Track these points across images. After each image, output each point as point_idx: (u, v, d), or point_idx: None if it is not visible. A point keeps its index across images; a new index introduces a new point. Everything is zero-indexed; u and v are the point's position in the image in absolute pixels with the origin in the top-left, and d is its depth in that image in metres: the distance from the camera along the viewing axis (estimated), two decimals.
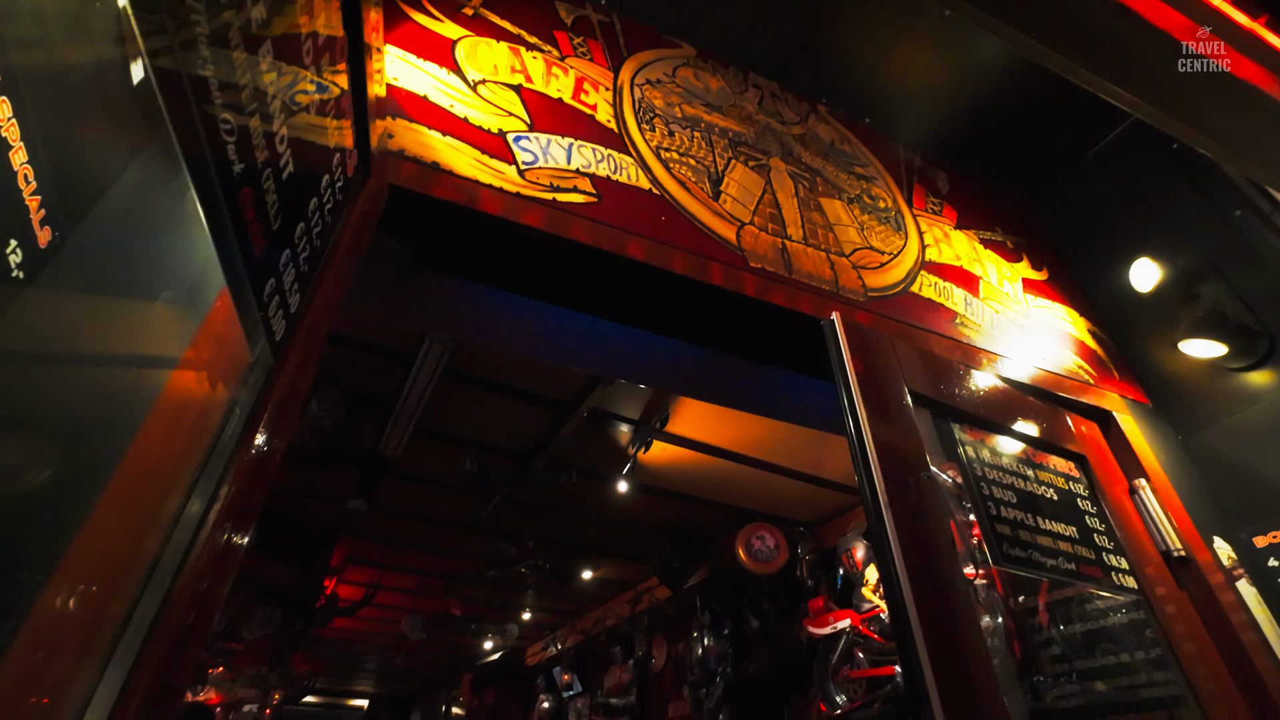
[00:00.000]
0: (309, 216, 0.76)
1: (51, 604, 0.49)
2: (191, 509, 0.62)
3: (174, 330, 0.64)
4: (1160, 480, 1.69)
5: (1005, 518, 1.37)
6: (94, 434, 0.56)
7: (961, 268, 1.96)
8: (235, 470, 0.66)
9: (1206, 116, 1.31)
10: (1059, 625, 2.94)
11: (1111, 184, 2.29)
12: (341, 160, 0.87)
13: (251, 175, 0.60)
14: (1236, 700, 1.38)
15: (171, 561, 0.61)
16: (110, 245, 0.59)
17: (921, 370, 1.51)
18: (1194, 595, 1.52)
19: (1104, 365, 1.98)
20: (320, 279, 0.85)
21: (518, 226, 1.24)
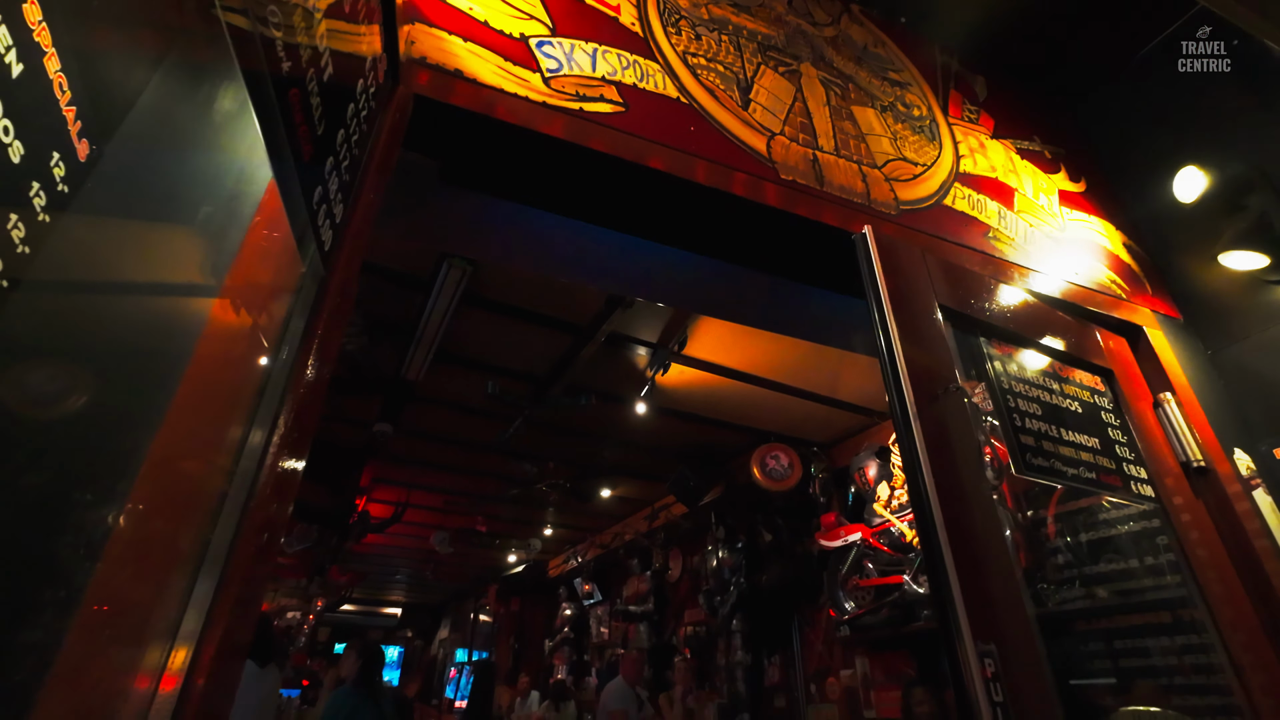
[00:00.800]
0: (348, 123, 0.74)
1: (129, 528, 0.51)
2: (254, 437, 0.64)
3: (218, 245, 0.63)
4: (1186, 394, 1.70)
5: (1029, 429, 1.39)
6: (149, 359, 0.56)
7: (997, 179, 1.89)
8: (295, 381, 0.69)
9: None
10: (1066, 537, 3.04)
11: (1159, 89, 2.16)
12: (374, 66, 0.84)
13: (297, 77, 0.59)
14: (1243, 601, 1.44)
15: (242, 483, 0.63)
16: (145, 159, 0.57)
17: (952, 285, 1.49)
18: (1210, 504, 1.56)
19: (1137, 280, 1.94)
20: (360, 189, 0.84)
21: (545, 138, 1.21)
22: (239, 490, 0.61)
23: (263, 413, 0.67)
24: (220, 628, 0.55)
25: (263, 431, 0.66)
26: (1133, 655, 2.53)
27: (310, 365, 0.72)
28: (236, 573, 0.57)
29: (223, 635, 0.55)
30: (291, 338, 0.71)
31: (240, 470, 0.61)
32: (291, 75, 0.60)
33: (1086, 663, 2.73)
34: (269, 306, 0.70)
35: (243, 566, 0.58)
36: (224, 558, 0.57)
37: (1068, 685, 2.74)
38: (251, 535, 0.60)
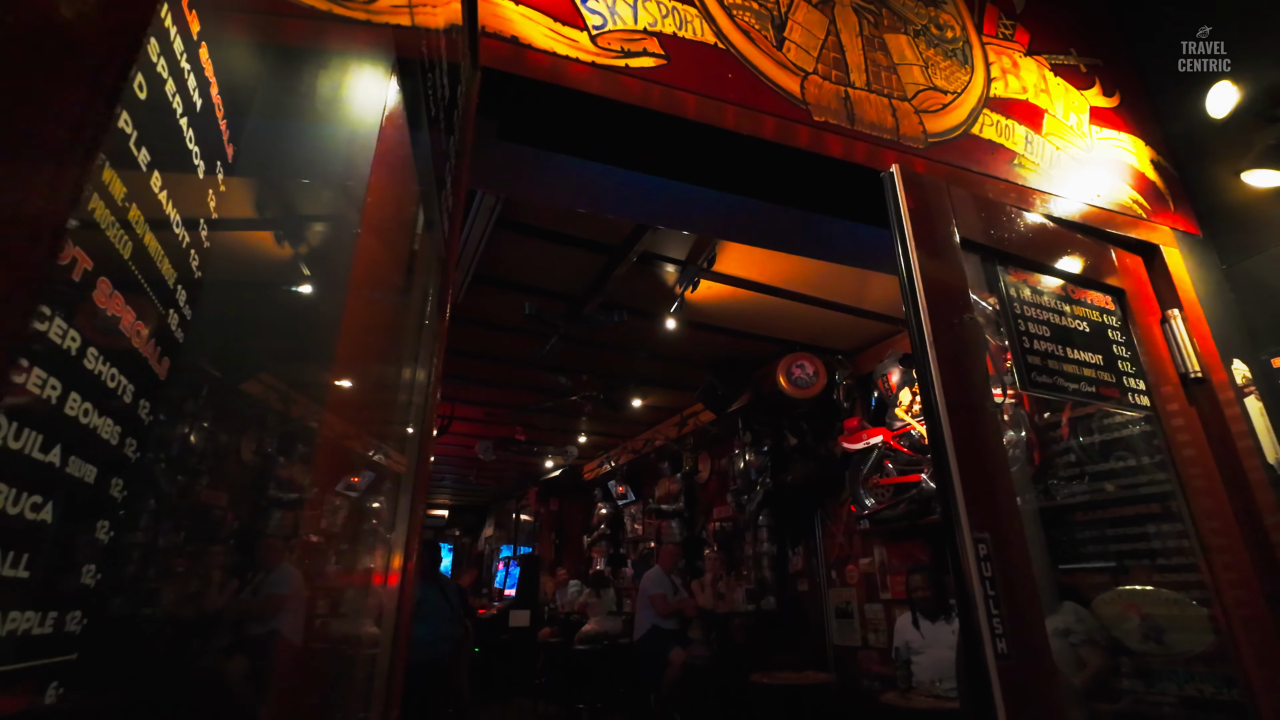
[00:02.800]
0: (454, 97, 0.87)
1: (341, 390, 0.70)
2: (419, 376, 0.84)
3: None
4: (1193, 310, 1.81)
5: (1037, 350, 1.54)
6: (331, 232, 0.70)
7: (1027, 101, 1.92)
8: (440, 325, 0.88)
9: None
10: (1078, 437, 3.26)
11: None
12: (461, 40, 0.95)
13: (435, 60, 0.72)
14: (1220, 492, 1.64)
15: (418, 419, 0.83)
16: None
17: (974, 216, 1.59)
18: (1202, 410, 1.72)
19: (1160, 197, 2.00)
20: (460, 158, 0.99)
21: (596, 99, 1.32)
22: (417, 425, 0.82)
23: (423, 356, 0.86)
24: (417, 535, 0.77)
25: (425, 371, 0.85)
26: (1125, 541, 2.79)
27: (447, 313, 0.91)
28: (421, 490, 0.79)
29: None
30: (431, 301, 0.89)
31: (415, 405, 0.82)
32: (431, 58, 0.73)
33: (1084, 548, 3.02)
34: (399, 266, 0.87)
35: (424, 486, 0.79)
36: (413, 480, 0.78)
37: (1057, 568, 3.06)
38: (426, 460, 0.81)
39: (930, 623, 3.78)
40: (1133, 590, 2.68)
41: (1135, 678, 2.47)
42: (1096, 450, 3.09)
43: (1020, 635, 1.16)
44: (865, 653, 5.05)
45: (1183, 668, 2.27)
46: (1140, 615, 2.61)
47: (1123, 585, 2.73)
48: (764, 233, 2.05)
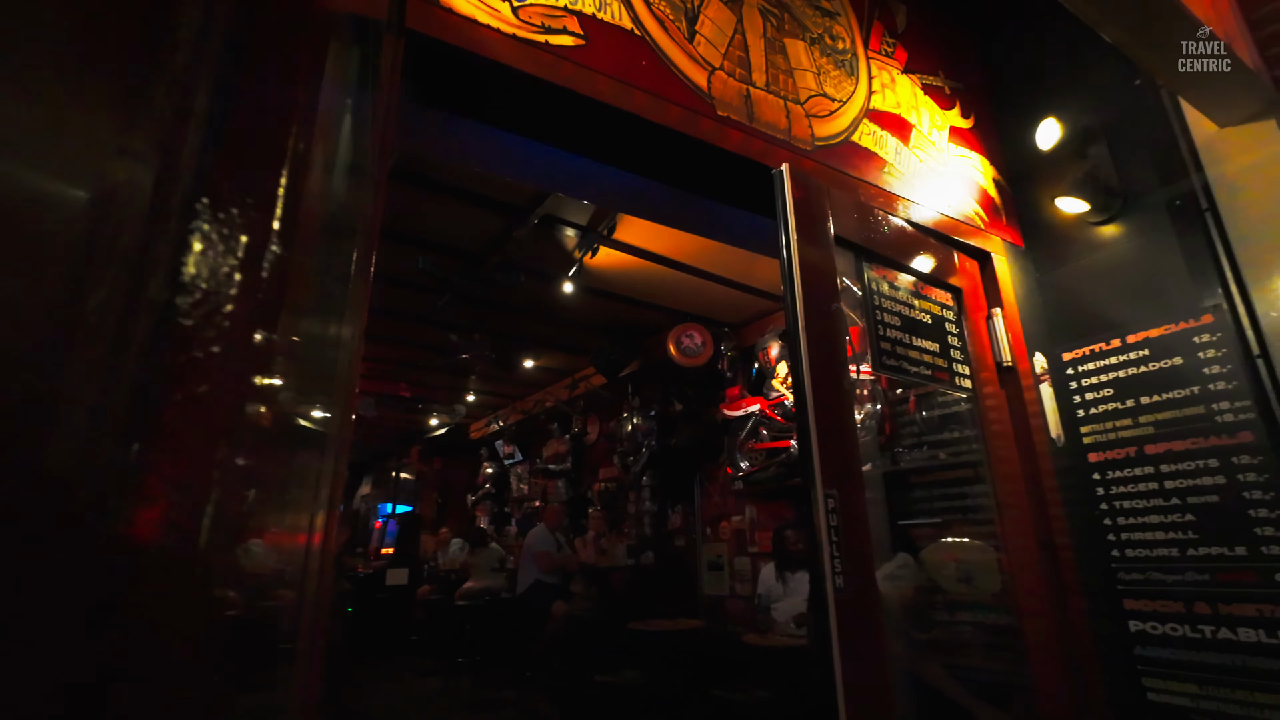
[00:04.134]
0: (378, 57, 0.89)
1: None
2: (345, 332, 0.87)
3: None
4: (1011, 310, 2.18)
5: (889, 337, 1.80)
6: None
7: (899, 115, 2.17)
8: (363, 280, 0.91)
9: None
10: (921, 412, 3.76)
11: (1051, 35, 2.44)
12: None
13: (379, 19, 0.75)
14: (1015, 461, 2.01)
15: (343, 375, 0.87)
16: None
17: (848, 216, 1.81)
18: (1010, 394, 2.09)
19: (997, 211, 2.35)
20: (383, 131, 1.01)
21: (514, 72, 1.35)
22: (341, 383, 0.85)
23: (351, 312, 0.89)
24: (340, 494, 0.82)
25: (350, 328, 0.89)
26: (950, 500, 3.30)
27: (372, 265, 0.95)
28: (344, 449, 0.83)
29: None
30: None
31: (339, 364, 0.85)
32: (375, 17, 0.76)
33: (919, 506, 3.53)
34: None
35: (346, 445, 0.84)
36: (336, 439, 0.83)
37: (897, 523, 3.57)
38: (349, 419, 0.86)
39: (792, 574, 4.23)
40: (952, 542, 3.20)
41: (947, 610, 2.98)
42: (934, 424, 3.60)
43: (854, 573, 1.40)
44: (732, 601, 5.54)
45: (982, 602, 2.78)
46: (956, 562, 3.13)
47: (945, 537, 3.25)
48: (664, 212, 2.18)
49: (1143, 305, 2.06)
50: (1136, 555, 1.96)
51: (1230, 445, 1.81)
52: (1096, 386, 2.13)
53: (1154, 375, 2.00)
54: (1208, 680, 1.78)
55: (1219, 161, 1.92)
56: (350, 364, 0.87)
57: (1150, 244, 2.08)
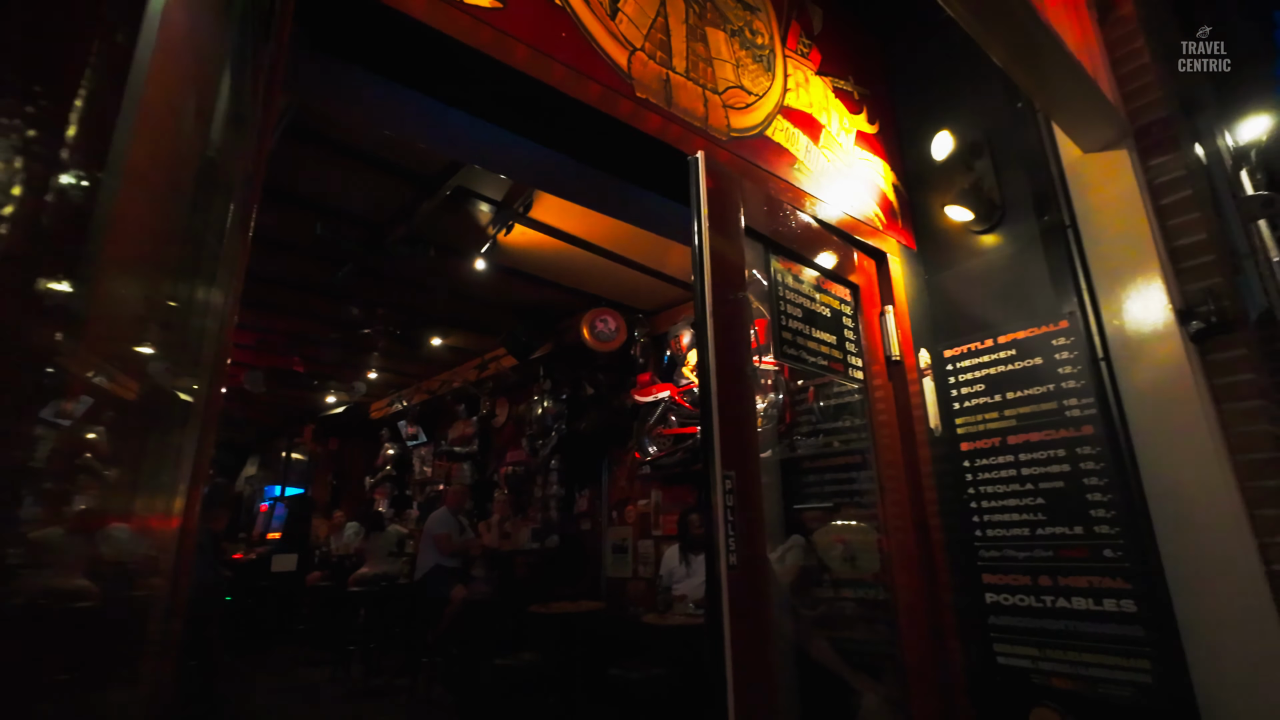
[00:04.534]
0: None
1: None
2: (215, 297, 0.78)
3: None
4: (902, 308, 2.33)
5: (790, 328, 1.88)
6: None
7: (811, 115, 2.25)
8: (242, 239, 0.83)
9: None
10: (819, 402, 3.95)
11: (949, 51, 2.61)
12: None
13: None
14: (898, 449, 2.17)
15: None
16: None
17: (757, 209, 1.86)
18: (896, 386, 2.24)
19: (894, 215, 2.50)
20: (270, 76, 0.91)
21: (431, 31, 1.28)
22: (210, 352, 0.78)
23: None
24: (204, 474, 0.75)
25: (221, 292, 0.81)
26: (841, 485, 3.51)
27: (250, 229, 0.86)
28: (210, 425, 0.76)
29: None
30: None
31: (208, 331, 0.77)
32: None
33: (813, 490, 3.73)
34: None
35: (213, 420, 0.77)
36: (201, 412, 0.75)
37: (792, 507, 3.76)
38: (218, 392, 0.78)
39: (695, 555, 4.35)
40: (841, 524, 3.41)
41: (833, 587, 3.17)
42: (830, 413, 3.80)
43: (747, 551, 1.46)
44: (634, 583, 5.64)
45: (863, 580, 2.98)
46: (843, 543, 3.34)
47: (836, 520, 3.46)
48: (578, 191, 2.15)
49: (1013, 309, 2.27)
50: (995, 535, 2.17)
51: (1075, 437, 2.04)
52: (971, 382, 2.33)
53: (1018, 373, 2.21)
54: (1046, 644, 2.01)
55: (1081, 184, 2.14)
56: (221, 330, 0.79)
57: (1022, 253, 2.29)
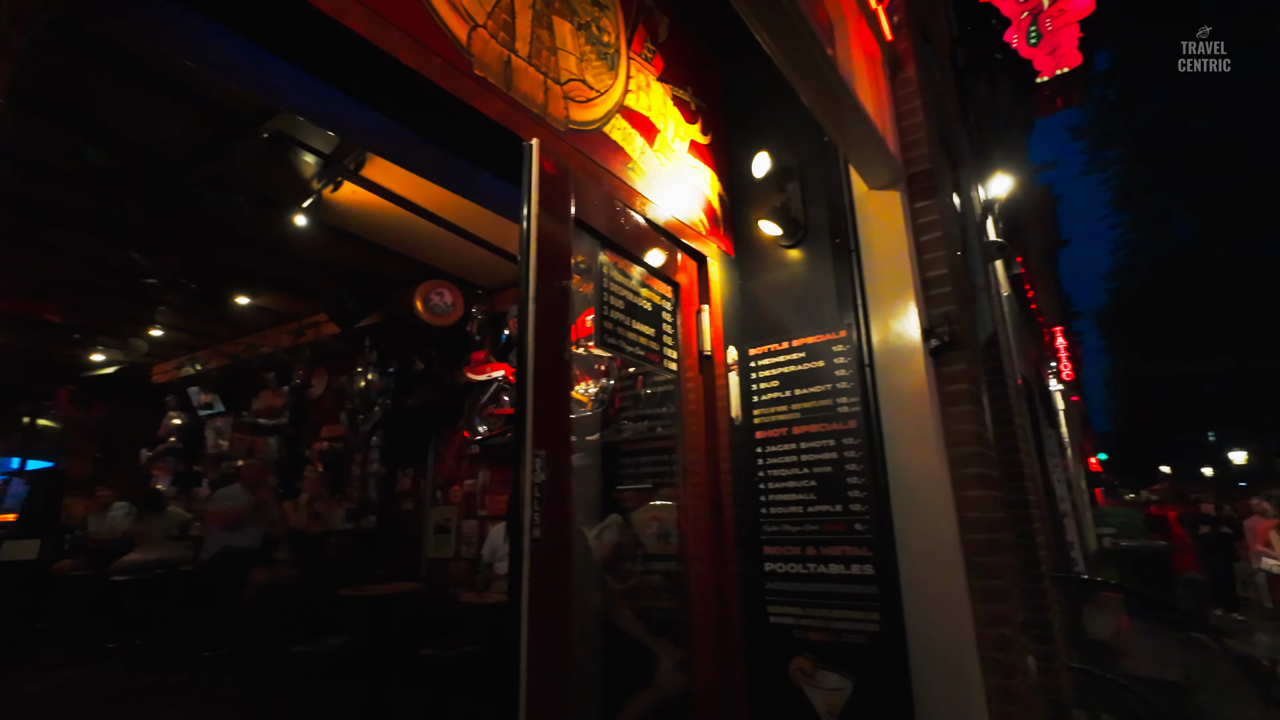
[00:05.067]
0: None
1: None
2: None
3: None
4: (716, 308, 2.57)
5: (612, 318, 2.00)
6: None
7: (649, 119, 2.39)
8: None
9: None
10: (646, 390, 4.18)
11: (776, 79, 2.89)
12: None
13: None
14: (702, 435, 2.40)
15: None
16: None
17: (589, 202, 1.95)
18: (705, 378, 2.47)
19: (717, 222, 2.73)
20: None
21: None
22: None
23: None
24: None
25: None
26: (658, 467, 3.76)
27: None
28: None
29: None
30: None
31: None
32: None
33: (633, 471, 3.95)
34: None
35: None
36: None
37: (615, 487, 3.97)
38: None
39: None
40: (658, 504, 3.67)
41: (645, 562, 3.41)
42: (656, 400, 4.05)
43: (553, 528, 1.55)
44: (456, 563, 5.55)
45: (670, 554, 3.24)
46: (659, 521, 3.60)
47: (654, 500, 3.71)
48: (413, 161, 2.09)
49: (806, 317, 2.61)
50: (777, 512, 2.50)
51: (843, 430, 2.41)
52: (769, 378, 2.64)
53: (806, 373, 2.55)
54: (807, 604, 2.37)
55: (865, 215, 2.52)
56: None
57: (817, 269, 2.63)
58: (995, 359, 3.69)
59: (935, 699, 2.04)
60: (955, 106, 4.30)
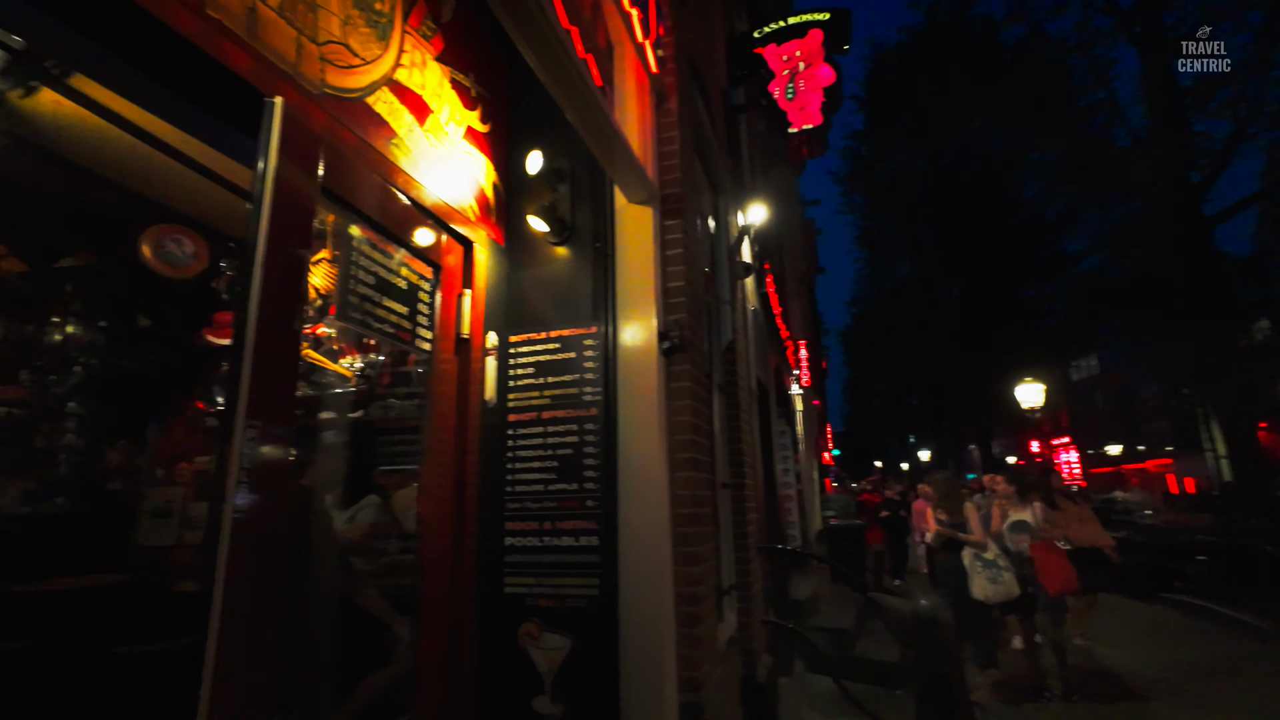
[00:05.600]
0: None
1: None
2: None
3: None
4: (479, 294, 2.65)
5: (358, 292, 1.99)
6: None
7: (422, 98, 2.39)
8: None
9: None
10: (418, 369, 4.10)
11: None
12: None
13: None
14: (451, 413, 2.48)
15: None
16: None
17: (342, 172, 1.91)
18: (461, 361, 2.55)
19: (489, 211, 2.82)
20: None
21: None
22: None
23: None
24: None
25: None
26: (406, 445, 3.73)
27: None
28: None
29: None
30: None
31: None
32: None
33: (394, 451, 3.86)
34: None
35: None
36: None
37: (377, 468, 3.85)
38: None
39: None
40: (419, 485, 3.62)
41: (401, 541, 3.38)
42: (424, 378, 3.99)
43: (263, 503, 1.52)
44: (180, 550, 4.85)
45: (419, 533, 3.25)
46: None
47: (414, 482, 3.66)
48: (137, 94, 1.85)
49: (565, 311, 2.82)
50: (520, 490, 2.68)
51: (586, 416, 2.66)
52: (526, 365, 2.80)
53: (559, 363, 2.76)
54: (541, 574, 2.58)
55: (622, 225, 2.80)
56: None
57: (579, 268, 2.86)
58: (732, 363, 4.31)
59: (637, 647, 2.38)
60: (724, 139, 4.89)
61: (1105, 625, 6.20)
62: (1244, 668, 6.31)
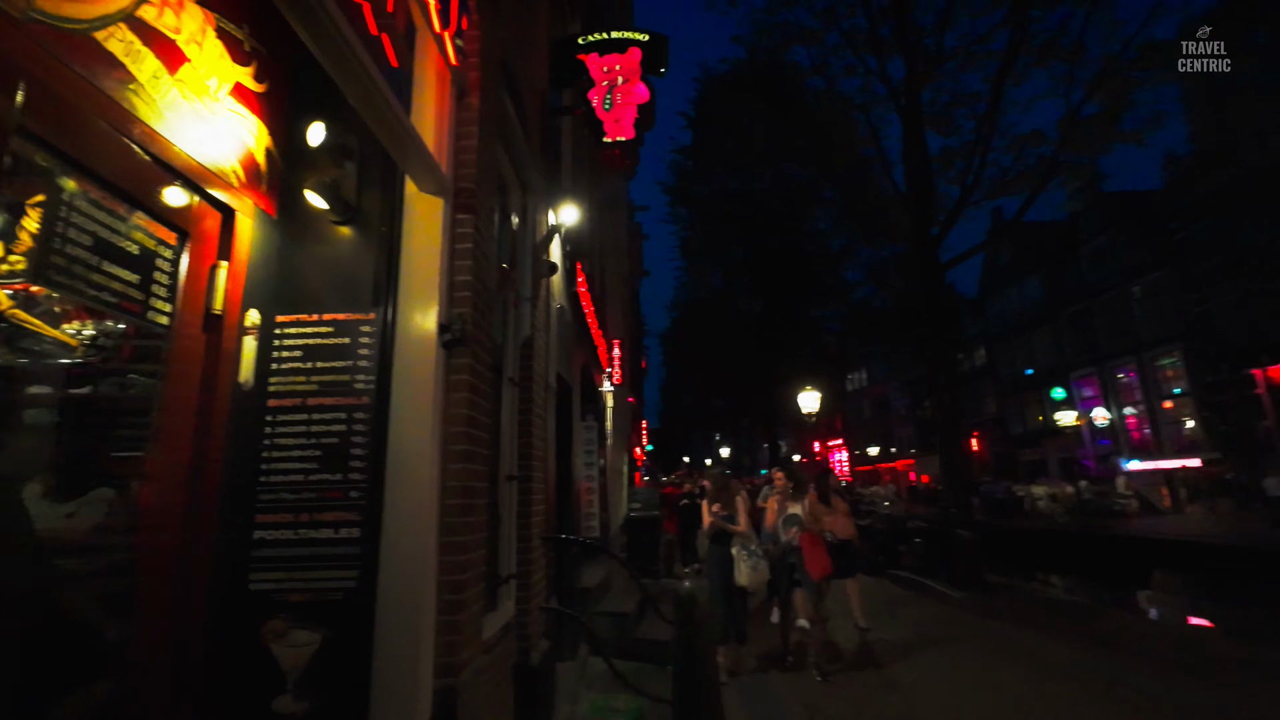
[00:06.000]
0: None
1: None
2: None
3: None
4: (240, 267, 2.44)
5: (66, 252, 1.74)
6: None
7: (176, 43, 2.14)
8: None
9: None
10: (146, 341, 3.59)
11: None
12: None
13: None
14: (193, 395, 2.25)
15: None
16: None
17: (51, 114, 1.66)
18: (211, 339, 2.33)
19: (259, 178, 2.59)
20: None
21: None
22: None
23: None
24: None
25: None
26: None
27: None
28: None
29: None
30: None
31: None
32: None
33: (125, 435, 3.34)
34: None
35: None
36: None
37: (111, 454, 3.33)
38: None
39: None
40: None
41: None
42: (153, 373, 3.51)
43: None
44: None
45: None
46: None
47: None
48: None
49: (343, 294, 2.70)
50: (277, 480, 2.51)
51: (356, 404, 2.59)
52: (293, 348, 2.64)
53: (331, 348, 2.64)
54: (294, 568, 2.45)
55: (411, 212, 2.76)
56: None
57: (363, 252, 2.75)
58: (529, 359, 4.41)
59: (392, 637, 2.38)
60: (539, 140, 4.97)
61: (845, 601, 7.41)
62: (961, 636, 7.88)
